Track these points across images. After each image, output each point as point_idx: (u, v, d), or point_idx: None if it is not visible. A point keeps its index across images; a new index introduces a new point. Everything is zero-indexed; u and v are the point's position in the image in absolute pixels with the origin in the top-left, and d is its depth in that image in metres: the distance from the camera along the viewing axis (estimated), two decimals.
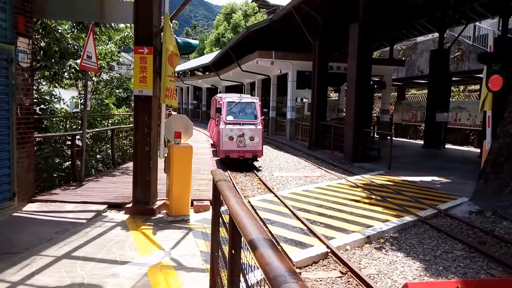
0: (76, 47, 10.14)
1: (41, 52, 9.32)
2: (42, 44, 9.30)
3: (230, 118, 11.66)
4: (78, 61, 9.99)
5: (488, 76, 7.95)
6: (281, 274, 1.15)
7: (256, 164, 12.24)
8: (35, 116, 7.76)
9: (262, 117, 12.11)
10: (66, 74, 11.13)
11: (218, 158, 11.99)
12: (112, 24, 11.14)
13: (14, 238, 4.72)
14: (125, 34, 12.92)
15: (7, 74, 5.71)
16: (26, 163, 6.16)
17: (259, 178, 10.07)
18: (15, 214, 5.69)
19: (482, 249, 5.40)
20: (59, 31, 9.69)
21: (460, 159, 14.98)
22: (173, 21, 8.07)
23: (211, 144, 15.84)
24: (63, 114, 11.72)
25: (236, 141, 11.32)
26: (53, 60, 9.65)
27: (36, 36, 8.70)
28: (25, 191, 6.16)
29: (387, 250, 5.40)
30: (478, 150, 14.21)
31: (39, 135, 8.19)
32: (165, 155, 6.04)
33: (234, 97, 12.73)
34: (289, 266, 1.21)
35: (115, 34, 12.68)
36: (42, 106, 9.99)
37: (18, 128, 5.91)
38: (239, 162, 11.74)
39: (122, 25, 12.36)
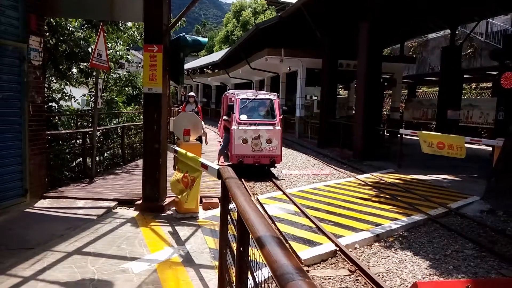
0: (82, 46, 10.07)
1: (47, 53, 9.34)
2: (48, 45, 9.33)
3: (244, 117, 10.04)
4: (84, 64, 10.07)
5: (501, 73, 7.83)
6: (288, 272, 1.15)
7: None
8: (46, 114, 7.84)
9: (281, 116, 10.57)
10: (74, 75, 11.19)
11: (230, 163, 10.06)
12: (121, 27, 11.15)
13: (26, 234, 4.80)
14: (131, 33, 12.82)
15: (20, 72, 5.80)
16: (38, 160, 6.25)
17: (268, 176, 10.06)
18: (27, 210, 5.79)
19: (493, 249, 5.33)
20: (69, 29, 9.73)
21: (472, 157, 14.75)
22: (182, 18, 8.11)
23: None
24: (71, 111, 11.80)
25: (251, 144, 9.76)
26: (58, 62, 9.69)
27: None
28: (37, 188, 6.25)
29: (396, 249, 5.36)
30: (490, 149, 14.01)
31: (51, 132, 8.30)
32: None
33: (248, 93, 11.07)
34: (296, 264, 1.21)
35: (123, 38, 12.63)
36: (50, 104, 10.04)
37: (30, 125, 6.00)
38: (254, 169, 10.15)
39: (129, 24, 12.33)
